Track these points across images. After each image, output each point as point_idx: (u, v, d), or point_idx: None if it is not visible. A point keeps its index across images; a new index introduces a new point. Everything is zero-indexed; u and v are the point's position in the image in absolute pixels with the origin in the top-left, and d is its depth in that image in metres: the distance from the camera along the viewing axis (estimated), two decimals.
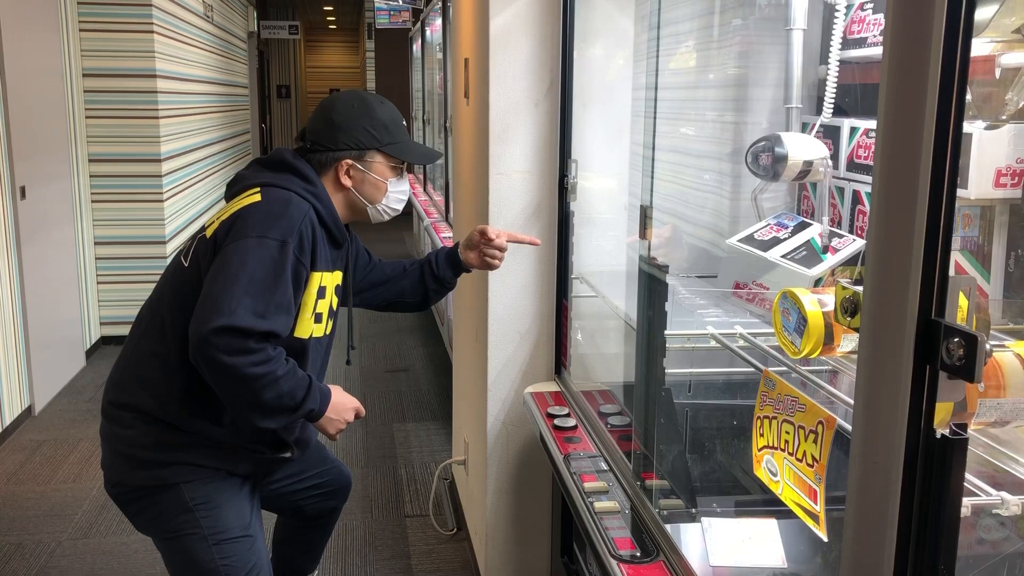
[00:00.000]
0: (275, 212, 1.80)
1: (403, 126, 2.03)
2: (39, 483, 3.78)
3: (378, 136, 1.96)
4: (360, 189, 1.98)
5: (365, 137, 1.95)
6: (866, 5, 1.84)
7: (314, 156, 1.97)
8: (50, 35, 4.92)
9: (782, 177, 1.86)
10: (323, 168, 1.96)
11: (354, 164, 1.96)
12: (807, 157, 1.85)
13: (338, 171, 1.96)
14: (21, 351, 4.44)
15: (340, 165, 1.95)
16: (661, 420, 1.73)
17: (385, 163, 1.98)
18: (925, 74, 0.76)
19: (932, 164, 0.75)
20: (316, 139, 1.97)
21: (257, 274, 1.73)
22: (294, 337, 1.88)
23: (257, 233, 1.77)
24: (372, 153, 1.97)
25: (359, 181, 1.97)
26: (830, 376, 1.76)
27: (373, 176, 1.98)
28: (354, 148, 1.95)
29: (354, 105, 1.98)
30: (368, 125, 1.96)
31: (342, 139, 1.95)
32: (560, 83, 2.44)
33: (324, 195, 1.93)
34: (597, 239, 2.56)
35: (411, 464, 4.00)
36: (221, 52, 8.44)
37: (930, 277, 0.76)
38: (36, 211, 4.60)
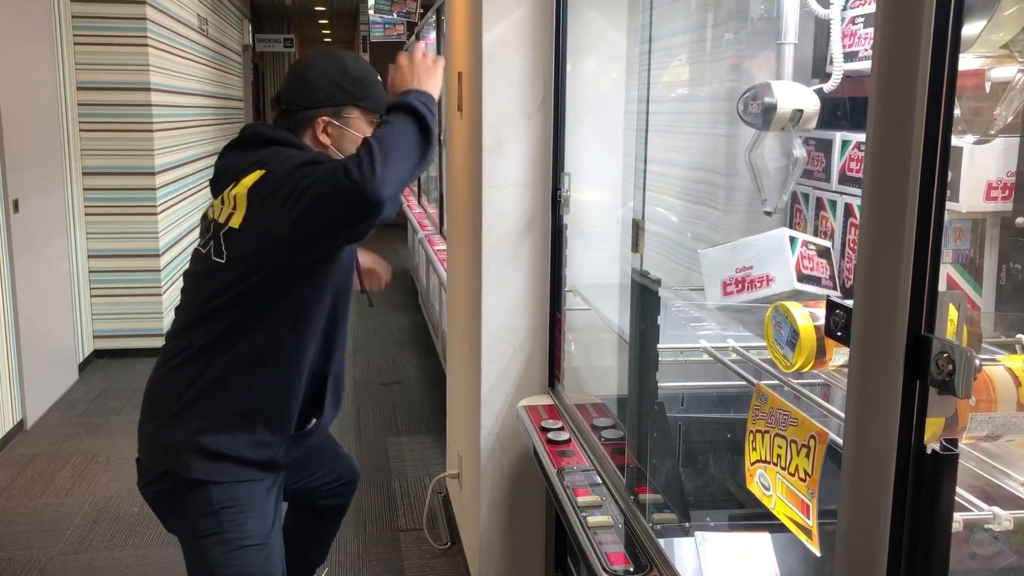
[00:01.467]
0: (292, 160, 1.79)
1: (378, 80, 2.02)
2: (30, 498, 3.76)
3: (353, 91, 1.95)
4: (339, 146, 1.96)
5: (340, 93, 1.94)
6: (857, 19, 1.85)
7: (291, 118, 1.96)
8: (44, 48, 4.92)
9: (772, 126, 1.85)
10: (300, 129, 1.95)
11: (331, 121, 1.94)
12: (797, 105, 1.83)
13: (316, 130, 1.94)
14: (13, 364, 4.42)
15: (317, 123, 1.94)
16: (654, 434, 1.73)
17: (363, 118, 1.97)
18: (913, 89, 0.76)
19: (921, 179, 0.75)
20: (291, 99, 1.96)
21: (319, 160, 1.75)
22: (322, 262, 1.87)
23: (301, 166, 1.74)
24: (349, 109, 1.95)
25: (338, 138, 1.96)
26: (823, 390, 1.76)
27: (351, 132, 1.96)
28: (330, 105, 1.94)
29: (327, 62, 1.98)
30: (343, 81, 1.95)
31: (317, 97, 1.94)
32: (553, 96, 2.45)
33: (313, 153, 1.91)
34: (590, 252, 2.56)
35: (405, 478, 3.99)
36: (216, 65, 8.45)
37: (919, 292, 0.76)
38: (29, 224, 4.59)
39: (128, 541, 3.38)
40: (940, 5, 0.74)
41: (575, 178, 2.47)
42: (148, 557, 3.26)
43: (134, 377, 5.33)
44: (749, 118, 1.91)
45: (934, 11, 0.74)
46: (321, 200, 1.68)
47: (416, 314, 6.88)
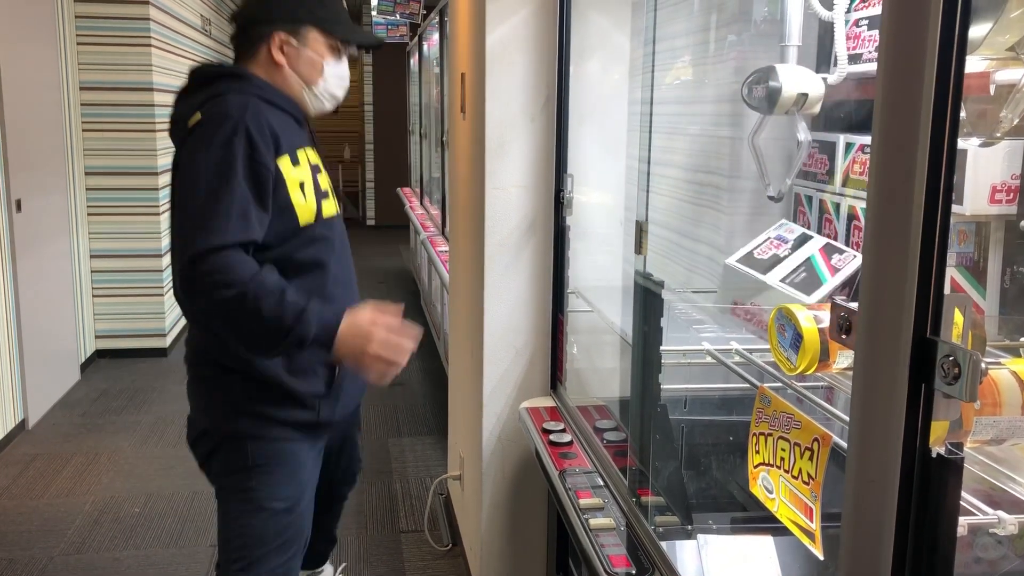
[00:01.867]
0: (214, 119, 1.73)
1: (342, 5, 1.98)
2: (32, 498, 3.76)
3: (314, 10, 1.88)
4: (296, 68, 1.88)
5: (300, 9, 1.87)
6: (861, 21, 1.85)
7: (247, 34, 1.89)
8: (47, 48, 4.92)
9: (776, 110, 1.83)
10: (255, 46, 1.87)
11: (288, 39, 1.86)
12: (802, 89, 1.82)
13: (271, 46, 1.86)
14: (15, 364, 4.42)
15: (273, 39, 1.86)
16: (657, 436, 1.72)
17: (322, 40, 1.89)
18: (919, 91, 0.76)
19: (927, 182, 0.75)
20: (248, 13, 1.90)
21: (206, 186, 1.67)
22: (303, 229, 1.80)
23: (204, 143, 1.71)
24: (308, 28, 1.87)
25: (294, 59, 1.87)
26: (826, 392, 1.75)
27: (309, 52, 1.88)
28: (288, 21, 1.86)
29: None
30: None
31: (275, 10, 1.87)
32: (556, 98, 2.45)
33: (260, 82, 1.84)
34: (593, 253, 2.56)
35: (406, 479, 3.98)
36: None
37: (925, 295, 0.76)
38: (32, 224, 4.59)
39: (129, 542, 3.37)
40: (947, 7, 0.73)
41: (578, 180, 2.47)
42: (149, 558, 3.26)
43: (136, 377, 5.33)
44: (753, 102, 1.89)
45: (940, 13, 0.73)
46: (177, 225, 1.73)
47: (418, 316, 6.88)
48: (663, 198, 2.48)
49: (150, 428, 4.56)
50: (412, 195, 8.25)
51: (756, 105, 1.89)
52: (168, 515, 3.57)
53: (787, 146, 1.99)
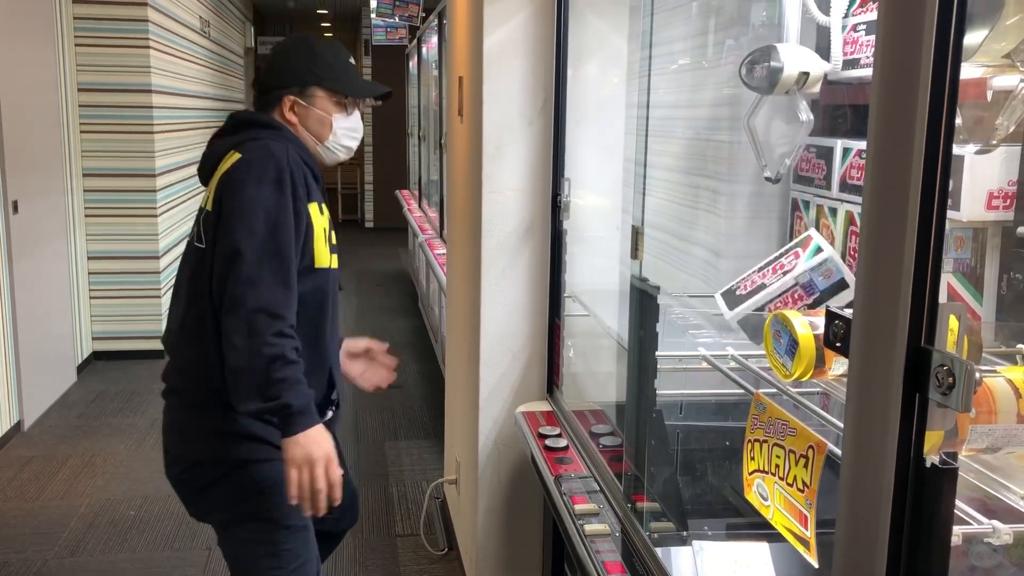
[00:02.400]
0: (260, 156, 1.87)
1: (349, 65, 2.11)
2: (26, 500, 3.75)
3: (319, 72, 2.03)
4: (306, 125, 2.04)
5: (306, 74, 2.03)
6: (859, 26, 1.84)
7: (263, 97, 2.05)
8: (46, 49, 4.92)
9: (776, 90, 1.81)
10: (270, 108, 2.03)
11: (297, 100, 2.02)
12: (803, 68, 1.80)
13: (283, 108, 2.02)
14: (11, 366, 4.41)
15: (284, 102, 2.02)
16: (652, 442, 1.72)
17: (327, 98, 2.05)
18: (914, 97, 0.76)
19: (922, 189, 0.74)
20: (263, 79, 2.07)
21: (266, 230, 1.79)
22: (317, 270, 1.93)
23: (252, 181, 1.83)
24: (313, 88, 2.03)
25: (304, 117, 2.03)
26: (821, 399, 1.75)
27: (317, 111, 2.04)
28: (296, 84, 2.02)
29: (297, 45, 2.09)
30: (309, 63, 2.03)
31: (284, 77, 2.03)
32: (554, 101, 2.44)
33: (291, 135, 2.00)
34: (590, 257, 2.55)
35: (403, 482, 3.98)
36: (218, 67, 8.45)
37: (920, 304, 0.75)
38: (28, 225, 4.58)
39: (124, 545, 3.37)
40: (942, 14, 0.73)
41: (575, 183, 2.47)
42: (144, 561, 3.25)
43: (133, 379, 5.32)
44: (753, 82, 1.87)
45: (936, 20, 0.73)
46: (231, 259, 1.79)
47: (416, 318, 6.87)
48: (660, 201, 2.47)
49: (146, 430, 4.55)
50: (411, 197, 8.24)
51: (756, 85, 1.86)
52: (163, 518, 3.56)
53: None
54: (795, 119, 1.87)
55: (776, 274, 1.87)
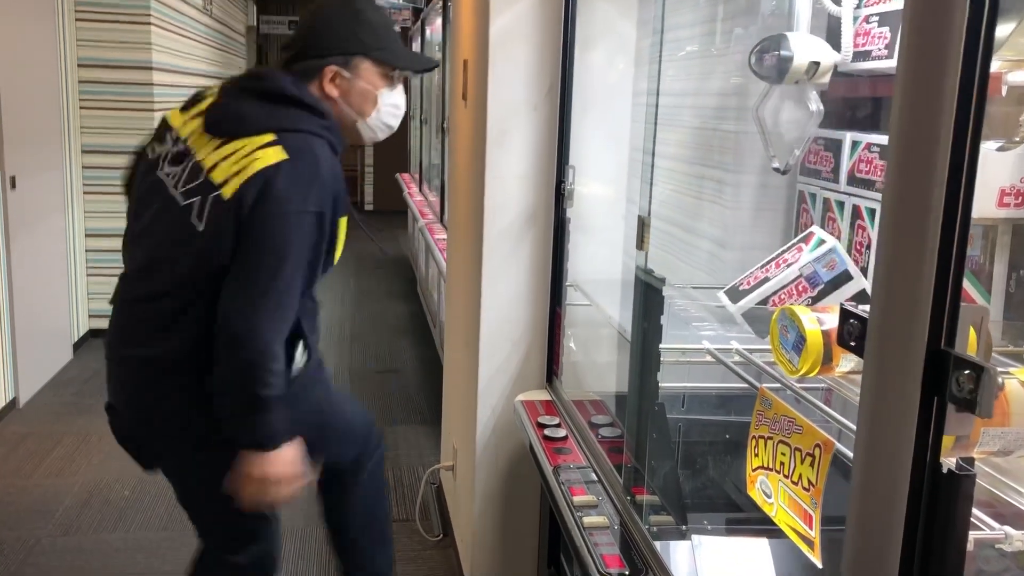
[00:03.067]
0: (307, 176, 1.69)
1: (395, 31, 1.92)
2: (20, 477, 3.73)
3: (366, 40, 1.82)
4: (348, 100, 1.84)
5: (352, 42, 1.82)
6: (871, 17, 1.81)
7: (299, 65, 1.82)
8: (45, 24, 4.87)
9: (786, 79, 1.79)
10: (307, 78, 1.81)
11: (340, 71, 1.81)
12: (813, 58, 1.78)
13: (323, 80, 1.81)
14: (7, 342, 4.38)
15: (325, 73, 1.81)
16: (654, 435, 1.70)
17: (374, 70, 1.84)
18: (941, 94, 0.73)
19: (947, 188, 0.72)
20: (300, 46, 1.83)
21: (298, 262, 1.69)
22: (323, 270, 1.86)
23: (295, 206, 1.67)
24: (359, 59, 1.82)
25: (346, 91, 1.83)
26: (825, 394, 1.73)
27: (362, 84, 1.83)
28: (339, 53, 1.81)
29: (340, 8, 1.85)
30: (356, 29, 1.82)
31: (327, 44, 1.81)
32: (560, 87, 2.41)
33: (334, 124, 1.81)
34: (593, 246, 2.53)
35: (399, 467, 3.96)
36: (219, 46, 8.39)
37: (940, 305, 0.73)
38: (26, 201, 4.55)
39: (118, 524, 3.35)
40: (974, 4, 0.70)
41: (580, 171, 2.44)
42: (138, 541, 3.24)
43: None
44: (763, 71, 1.84)
45: (968, 11, 0.70)
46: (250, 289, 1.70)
47: (414, 302, 6.85)
48: (665, 191, 2.45)
49: None
50: (411, 181, 8.20)
51: (765, 74, 1.84)
52: (158, 498, 3.55)
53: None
54: (805, 109, 1.85)
55: (779, 268, 1.85)
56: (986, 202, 1.51)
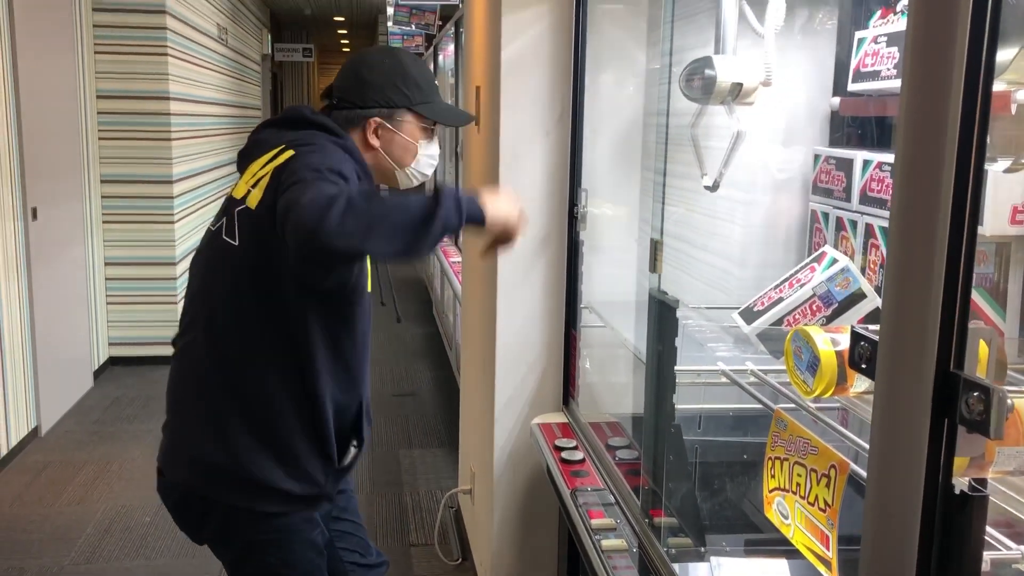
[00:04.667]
0: (319, 155, 1.67)
1: (435, 86, 1.93)
2: (43, 506, 3.76)
3: (410, 95, 1.85)
4: (389, 150, 1.87)
5: (396, 95, 1.85)
6: (879, 38, 1.83)
7: (340, 114, 1.85)
8: (65, 57, 4.95)
9: (712, 100, 1.83)
10: (350, 126, 1.85)
11: (383, 123, 1.84)
12: (736, 79, 1.82)
13: (366, 130, 1.84)
14: (29, 371, 4.43)
15: (368, 124, 1.84)
16: (670, 456, 1.70)
17: (416, 123, 1.88)
18: (945, 115, 0.74)
19: (952, 209, 0.73)
20: (344, 95, 1.86)
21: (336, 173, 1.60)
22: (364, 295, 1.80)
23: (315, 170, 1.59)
24: (402, 112, 1.85)
25: (388, 142, 1.86)
26: (840, 414, 1.73)
27: (403, 137, 1.87)
28: (384, 106, 1.84)
29: (385, 61, 1.89)
30: (400, 83, 1.85)
31: (372, 96, 1.84)
32: (571, 111, 2.43)
33: (354, 148, 1.81)
34: (607, 268, 2.54)
35: (417, 491, 3.97)
36: (235, 74, 8.50)
37: (949, 327, 0.73)
38: (47, 232, 4.61)
39: (140, 552, 3.37)
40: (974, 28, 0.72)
41: (592, 193, 2.46)
42: (159, 568, 3.25)
43: (149, 385, 5.34)
44: (691, 92, 1.88)
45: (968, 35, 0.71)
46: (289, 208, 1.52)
47: (430, 325, 6.87)
48: (677, 210, 2.45)
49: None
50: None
51: (693, 95, 1.88)
52: None
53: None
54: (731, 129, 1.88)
55: (792, 288, 1.85)
56: (999, 220, 1.51)
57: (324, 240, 1.44)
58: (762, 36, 1.84)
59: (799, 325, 1.66)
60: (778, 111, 2.26)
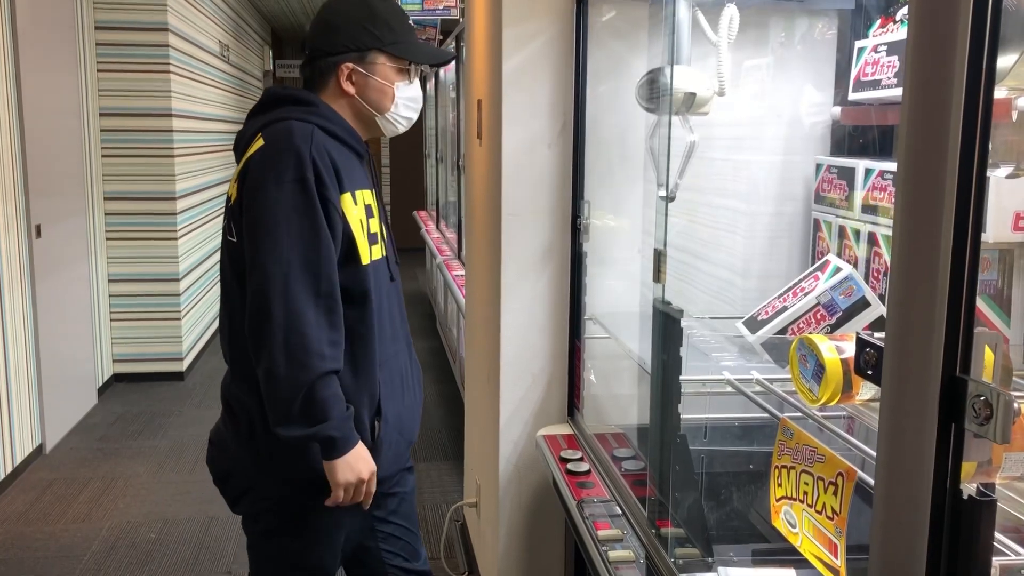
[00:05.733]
0: (280, 148, 1.69)
1: (409, 25, 1.88)
2: (48, 523, 3.76)
3: (379, 35, 1.81)
4: (364, 95, 1.84)
5: (365, 36, 1.80)
6: (879, 47, 1.84)
7: (314, 65, 1.84)
8: (68, 75, 4.98)
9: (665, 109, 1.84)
10: (324, 77, 1.83)
11: (355, 68, 1.81)
12: (690, 89, 1.83)
13: (339, 77, 1.82)
14: (33, 388, 4.43)
15: (341, 70, 1.81)
16: (676, 467, 1.70)
17: (389, 64, 1.83)
18: (947, 121, 0.75)
19: (955, 214, 0.73)
20: (314, 45, 1.84)
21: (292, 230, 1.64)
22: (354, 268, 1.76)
23: (272, 175, 1.67)
24: (374, 54, 1.82)
25: (362, 87, 1.83)
26: (846, 422, 1.72)
27: (377, 80, 1.83)
28: (353, 50, 1.81)
29: (351, 3, 1.84)
30: (368, 24, 1.81)
31: (340, 41, 1.81)
32: (573, 124, 2.44)
33: (327, 110, 1.80)
34: (610, 279, 2.54)
35: (422, 505, 3.96)
36: (237, 91, 8.53)
37: (954, 331, 0.74)
38: (51, 249, 4.62)
39: (145, 568, 3.36)
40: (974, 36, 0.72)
41: (595, 205, 2.46)
42: None
43: (153, 401, 5.34)
44: (646, 102, 1.89)
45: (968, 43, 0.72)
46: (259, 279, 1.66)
47: (434, 339, 6.87)
48: (680, 221, 2.46)
49: (167, 453, 4.56)
50: (428, 218, 8.26)
51: (648, 105, 1.89)
52: (184, 541, 3.56)
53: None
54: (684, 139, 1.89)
55: (797, 297, 1.86)
56: (1002, 226, 1.51)
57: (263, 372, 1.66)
58: (716, 46, 1.85)
59: (804, 333, 1.66)
60: (779, 121, 2.27)
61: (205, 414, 5.07)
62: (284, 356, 1.63)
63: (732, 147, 2.35)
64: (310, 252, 1.65)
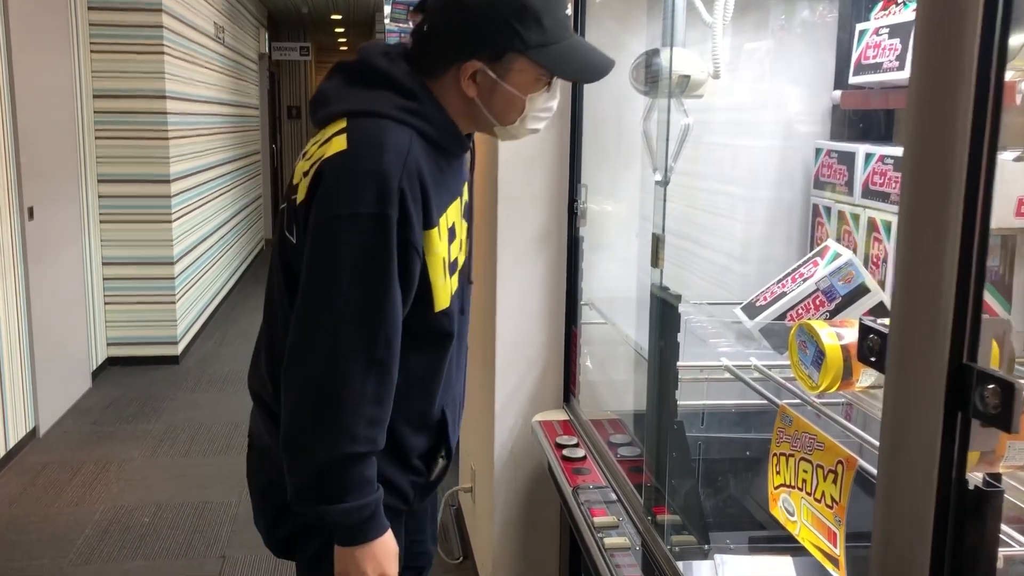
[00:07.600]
0: (365, 168, 1.35)
1: (565, 19, 1.45)
2: (42, 507, 3.74)
3: (525, 36, 1.39)
4: (488, 102, 1.45)
5: (507, 35, 1.39)
6: (881, 30, 1.81)
7: (431, 47, 1.45)
8: (61, 56, 4.93)
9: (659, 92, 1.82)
10: (441, 65, 1.44)
11: (485, 69, 1.42)
12: (684, 71, 1.80)
13: (462, 74, 1.43)
14: (27, 372, 4.41)
15: (464, 68, 1.42)
16: (673, 453, 1.68)
17: (529, 72, 1.43)
18: (956, 103, 0.72)
19: (964, 198, 0.71)
20: (438, 28, 1.44)
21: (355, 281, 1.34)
22: (434, 315, 1.47)
23: (343, 207, 1.33)
24: (511, 56, 1.41)
25: (488, 92, 1.44)
26: (844, 409, 1.71)
27: (508, 88, 1.43)
28: (489, 47, 1.40)
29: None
30: (515, 19, 1.38)
31: (472, 33, 1.41)
32: (571, 106, 2.41)
33: (432, 109, 1.44)
34: (608, 264, 2.53)
35: None
36: (232, 73, 8.47)
37: (962, 318, 0.72)
38: (44, 232, 4.59)
39: (138, 552, 3.35)
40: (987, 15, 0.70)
41: (592, 189, 2.44)
42: (158, 569, 3.24)
43: (147, 385, 5.32)
44: (639, 85, 1.87)
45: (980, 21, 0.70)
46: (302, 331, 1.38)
47: None
48: (678, 206, 2.44)
49: (160, 437, 4.55)
50: None
51: (642, 88, 1.86)
52: (177, 526, 3.55)
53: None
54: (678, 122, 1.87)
55: (795, 283, 1.84)
56: (1004, 212, 1.49)
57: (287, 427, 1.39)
58: (711, 27, 1.83)
59: (803, 319, 1.65)
60: (778, 105, 2.25)
61: (200, 398, 5.05)
62: (311, 422, 1.38)
63: (731, 131, 2.33)
64: (374, 308, 1.36)
